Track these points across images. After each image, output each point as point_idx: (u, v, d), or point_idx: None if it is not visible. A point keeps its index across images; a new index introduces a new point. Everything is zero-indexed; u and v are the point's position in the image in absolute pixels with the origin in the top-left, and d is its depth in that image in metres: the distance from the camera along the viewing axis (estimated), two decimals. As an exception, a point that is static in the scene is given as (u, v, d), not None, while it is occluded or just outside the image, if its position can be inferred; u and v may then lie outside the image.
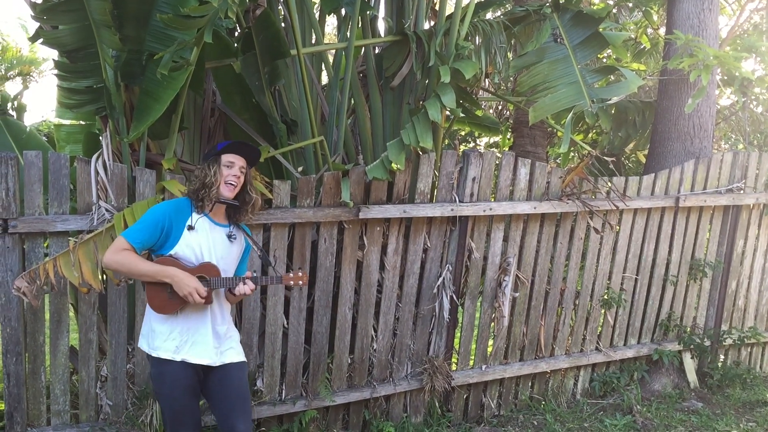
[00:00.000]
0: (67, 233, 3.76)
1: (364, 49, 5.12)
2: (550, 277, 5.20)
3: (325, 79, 5.63)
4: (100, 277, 3.69)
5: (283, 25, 4.97)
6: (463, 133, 8.22)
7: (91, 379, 3.97)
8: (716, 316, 5.98)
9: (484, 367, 5.03)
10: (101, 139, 3.98)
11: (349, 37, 4.71)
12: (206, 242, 3.19)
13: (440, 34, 4.70)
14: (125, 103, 4.03)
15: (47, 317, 3.85)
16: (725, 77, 6.37)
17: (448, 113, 4.77)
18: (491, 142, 9.05)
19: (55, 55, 4.20)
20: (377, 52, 5.19)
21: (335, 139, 4.81)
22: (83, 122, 5.14)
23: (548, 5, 5.06)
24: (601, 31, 4.97)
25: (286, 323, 4.37)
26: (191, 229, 3.17)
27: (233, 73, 4.72)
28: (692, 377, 5.85)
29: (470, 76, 4.38)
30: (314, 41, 5.17)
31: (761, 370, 6.33)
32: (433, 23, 5.27)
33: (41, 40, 3.81)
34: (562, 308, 5.32)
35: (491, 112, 8.57)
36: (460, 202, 4.63)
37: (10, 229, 3.58)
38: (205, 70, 4.33)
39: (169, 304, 3.15)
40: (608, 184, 5.17)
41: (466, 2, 5.01)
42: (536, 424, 5.05)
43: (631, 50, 7.52)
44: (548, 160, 8.03)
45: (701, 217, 5.77)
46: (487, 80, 6.27)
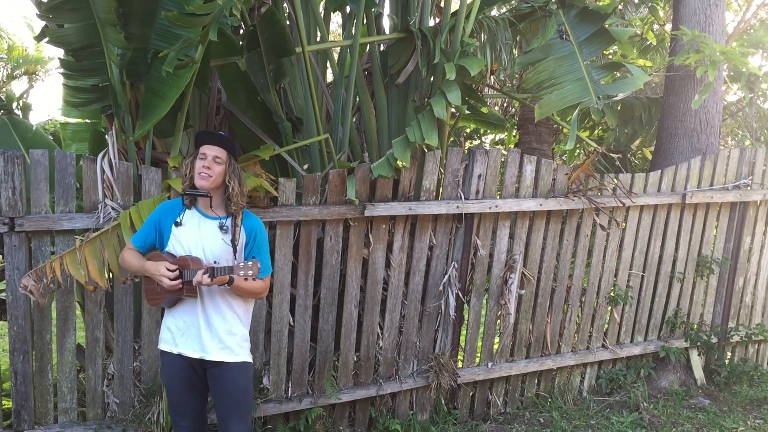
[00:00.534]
0: (73, 231, 3.78)
1: (369, 46, 5.11)
2: (556, 274, 5.19)
3: (330, 76, 5.64)
4: (106, 275, 3.71)
5: (288, 22, 4.97)
6: (468, 130, 8.20)
7: (97, 377, 3.98)
8: (723, 313, 5.96)
9: (490, 364, 5.02)
10: (107, 137, 3.99)
11: (354, 34, 4.70)
12: (194, 236, 3.22)
13: (445, 31, 4.69)
14: (131, 101, 4.03)
15: (54, 315, 3.87)
16: (732, 73, 6.33)
17: (453, 110, 4.76)
18: (497, 139, 9.03)
19: (60, 53, 4.20)
20: (382, 49, 5.18)
21: (340, 136, 4.81)
22: (89, 121, 5.16)
23: (554, 1, 5.04)
24: (607, 27, 4.95)
25: (292, 321, 4.37)
26: (178, 225, 3.24)
27: (238, 71, 4.72)
28: (699, 374, 5.83)
29: (476, 73, 4.37)
30: (319, 39, 5.17)
31: (769, 367, 6.32)
32: (438, 20, 5.26)
33: (47, 38, 3.82)
34: (568, 305, 5.30)
35: (497, 109, 8.55)
36: (465, 199, 4.62)
37: (16, 227, 3.59)
38: (210, 68, 4.32)
39: (157, 296, 3.28)
40: (614, 180, 5.15)
41: (471, -1, 5.00)
42: (543, 421, 5.05)
43: (637, 46, 7.48)
44: (554, 157, 8.00)
45: (708, 213, 5.74)
46: (492, 77, 6.26)
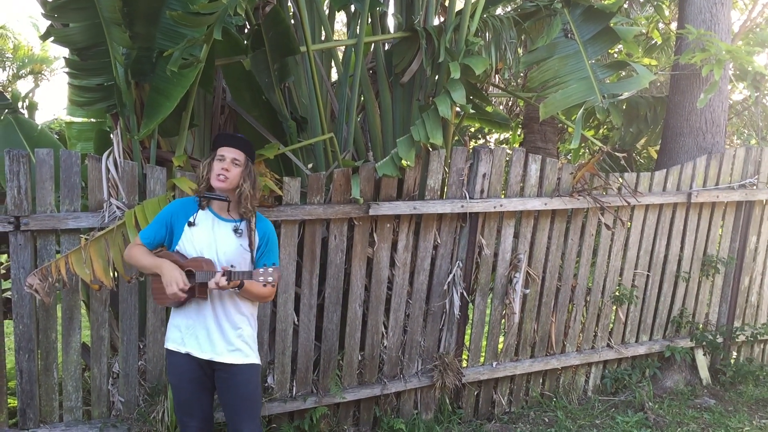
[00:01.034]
0: (78, 230, 3.78)
1: (373, 45, 5.11)
2: (560, 273, 5.18)
3: (334, 75, 5.63)
4: (111, 274, 3.71)
5: (292, 21, 4.97)
6: (473, 129, 8.19)
7: (102, 375, 3.99)
8: (729, 312, 5.94)
9: (494, 363, 5.02)
10: (112, 136, 3.99)
11: (358, 33, 4.70)
12: (207, 237, 3.22)
13: (450, 30, 4.68)
14: (136, 100, 4.03)
15: (59, 314, 3.87)
16: (738, 72, 6.32)
17: (458, 109, 4.76)
18: (501, 138, 9.02)
19: (66, 53, 4.21)
20: (387, 48, 5.18)
21: (345, 135, 4.81)
22: (94, 120, 5.16)
23: (559, 0, 5.02)
24: (612, 26, 4.95)
25: (296, 320, 4.37)
26: (191, 225, 3.22)
27: (243, 70, 4.72)
28: (704, 374, 5.82)
29: (480, 72, 4.36)
30: (324, 38, 5.16)
31: (774, 366, 6.29)
32: (442, 19, 5.26)
33: (52, 38, 3.83)
34: (573, 305, 5.30)
35: (501, 108, 8.55)
36: (470, 198, 4.62)
37: (22, 226, 3.60)
38: (214, 67, 4.33)
39: (165, 296, 3.23)
40: (619, 180, 5.14)
41: (475, -2, 4.99)
42: (547, 420, 5.04)
43: (642, 45, 7.47)
44: (559, 156, 7.99)
45: (713, 213, 5.73)
46: (497, 76, 6.24)
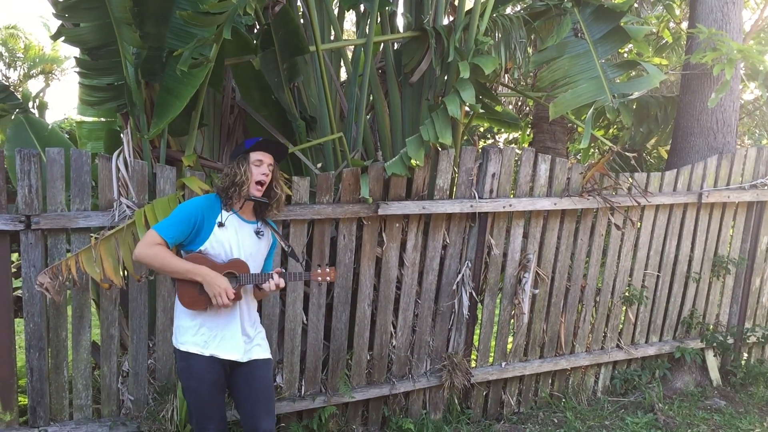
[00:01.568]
0: (88, 230, 3.79)
1: (383, 45, 5.10)
2: (570, 273, 5.17)
3: (344, 75, 5.63)
4: (121, 273, 3.72)
5: (302, 21, 4.97)
6: (482, 129, 8.18)
7: (112, 374, 4.00)
8: (740, 313, 5.91)
9: (503, 364, 5.01)
10: (122, 135, 4.01)
11: (368, 33, 4.70)
12: (235, 239, 3.23)
13: (459, 29, 4.67)
14: (146, 100, 4.05)
15: (69, 313, 3.89)
16: (749, 71, 6.27)
17: (467, 109, 4.75)
18: (510, 138, 9.00)
19: (76, 52, 4.23)
20: (396, 48, 5.18)
21: (354, 135, 4.81)
22: (104, 119, 5.19)
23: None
24: (622, 25, 4.92)
25: (305, 319, 4.37)
26: (221, 225, 3.20)
27: (252, 69, 4.73)
28: (715, 375, 5.78)
29: (490, 71, 4.35)
30: (333, 37, 5.16)
31: (786, 368, 6.25)
32: (452, 19, 5.25)
33: (63, 38, 3.84)
34: (582, 305, 5.28)
35: (511, 107, 8.53)
36: (479, 198, 4.61)
37: (32, 225, 3.62)
38: (224, 66, 4.34)
39: (199, 300, 3.17)
40: (629, 180, 5.12)
41: (485, -3, 4.98)
42: (556, 421, 5.02)
43: (652, 45, 7.43)
44: (568, 156, 7.96)
45: (724, 213, 5.70)
46: (506, 76, 6.23)
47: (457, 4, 5.08)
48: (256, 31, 5.11)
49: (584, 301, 5.27)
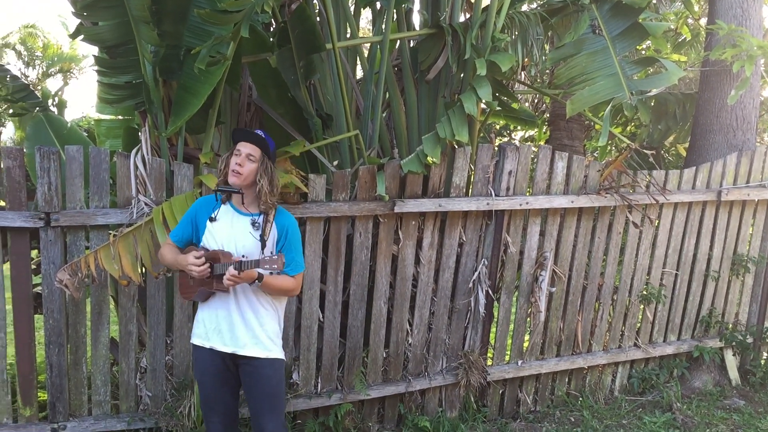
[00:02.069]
0: (107, 227, 3.83)
1: (399, 42, 5.10)
2: (587, 271, 5.13)
3: (360, 73, 5.64)
4: (139, 270, 3.76)
5: (318, 19, 4.98)
6: (498, 126, 8.14)
7: (130, 370, 4.04)
8: (759, 312, 5.85)
9: (520, 362, 4.99)
10: (140, 133, 4.04)
11: (384, 30, 4.69)
12: (227, 231, 3.26)
13: (476, 26, 4.65)
14: (163, 98, 4.07)
15: (88, 309, 3.93)
16: (769, 68, 6.21)
17: (483, 106, 4.73)
18: (527, 135, 8.95)
19: (95, 51, 4.26)
20: (412, 45, 5.16)
21: (370, 133, 4.80)
22: (123, 117, 5.22)
23: (586, -4, 4.97)
24: (640, 21, 4.87)
25: (321, 317, 4.38)
26: (213, 220, 3.28)
27: (269, 67, 4.74)
28: (734, 375, 5.73)
29: (507, 68, 4.33)
30: (349, 35, 5.16)
31: (806, 368, 6.17)
32: (468, 16, 5.23)
33: (81, 36, 3.87)
34: (599, 303, 5.24)
35: (527, 105, 8.47)
36: (496, 196, 4.59)
37: (52, 222, 3.65)
38: (241, 64, 4.35)
39: (189, 289, 3.31)
40: (648, 177, 5.08)
41: (502, -6, 4.95)
42: (573, 420, 5.00)
43: (671, 41, 7.36)
44: (586, 153, 7.90)
45: (744, 211, 5.64)
46: (523, 73, 6.20)
47: (473, 1, 5.06)
48: (272, 29, 5.12)
49: (601, 299, 5.24)
